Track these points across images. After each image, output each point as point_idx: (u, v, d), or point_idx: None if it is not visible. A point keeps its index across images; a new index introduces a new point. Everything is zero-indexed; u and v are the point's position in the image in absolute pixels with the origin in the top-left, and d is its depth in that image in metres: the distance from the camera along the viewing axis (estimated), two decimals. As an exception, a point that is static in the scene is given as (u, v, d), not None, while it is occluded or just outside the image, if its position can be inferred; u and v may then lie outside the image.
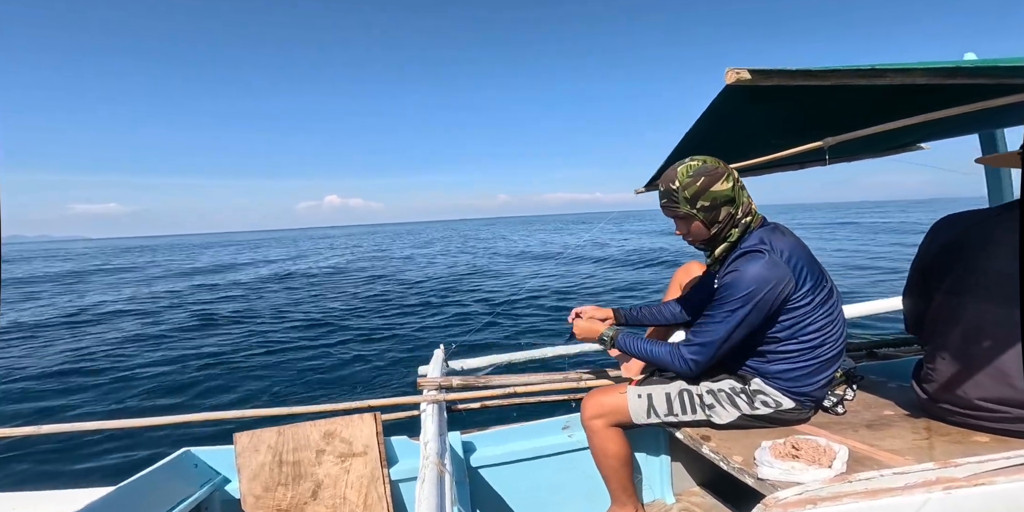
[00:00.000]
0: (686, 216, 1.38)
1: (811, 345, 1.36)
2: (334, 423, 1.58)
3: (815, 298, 1.33)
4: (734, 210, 1.36)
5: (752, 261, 1.29)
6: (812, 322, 1.34)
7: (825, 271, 1.41)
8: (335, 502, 1.51)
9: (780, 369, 1.38)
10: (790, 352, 1.37)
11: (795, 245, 1.35)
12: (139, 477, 1.36)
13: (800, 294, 1.31)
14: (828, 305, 1.36)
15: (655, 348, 1.47)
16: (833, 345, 1.38)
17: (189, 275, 17.24)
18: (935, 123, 1.18)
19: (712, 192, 1.33)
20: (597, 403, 1.48)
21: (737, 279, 1.29)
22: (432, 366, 1.99)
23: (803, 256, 1.34)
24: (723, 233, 1.39)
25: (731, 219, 1.37)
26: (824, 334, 1.36)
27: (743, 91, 0.97)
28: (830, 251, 14.15)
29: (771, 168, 2.19)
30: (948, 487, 0.89)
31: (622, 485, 1.50)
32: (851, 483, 0.93)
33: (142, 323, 8.28)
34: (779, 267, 1.28)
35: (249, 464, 1.52)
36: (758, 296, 1.27)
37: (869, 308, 2.81)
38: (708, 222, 1.37)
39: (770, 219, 1.45)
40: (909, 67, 0.86)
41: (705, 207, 1.34)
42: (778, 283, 1.28)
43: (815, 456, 1.16)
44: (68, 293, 13.52)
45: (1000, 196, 2.09)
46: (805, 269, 1.32)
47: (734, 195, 1.34)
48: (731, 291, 1.29)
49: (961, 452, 1.20)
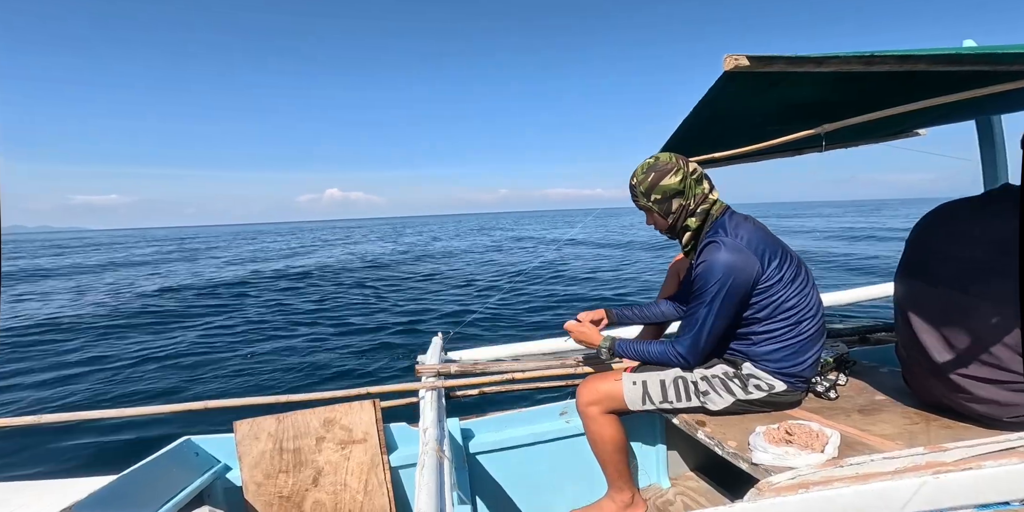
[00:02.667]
0: (645, 208, 1.53)
1: (791, 322, 1.41)
2: (334, 410, 1.59)
3: (783, 275, 1.39)
4: (684, 201, 1.46)
5: (716, 250, 1.37)
6: (786, 298, 1.40)
7: (790, 251, 1.47)
8: (336, 489, 1.53)
9: (767, 350, 1.43)
10: (773, 332, 1.42)
11: (754, 229, 1.44)
12: (140, 466, 1.37)
13: (768, 273, 1.38)
14: (798, 282, 1.42)
15: (651, 348, 1.52)
16: (811, 322, 1.43)
17: (189, 262, 17.16)
18: (932, 109, 1.17)
19: (662, 186, 1.45)
20: (593, 390, 1.50)
21: (705, 269, 1.37)
22: (430, 353, 2.00)
23: (763, 238, 1.42)
24: (679, 222, 1.50)
25: (683, 209, 1.48)
26: (800, 310, 1.41)
27: (742, 78, 0.96)
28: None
29: (768, 154, 2.18)
30: (937, 471, 0.91)
31: (618, 470, 1.52)
32: (843, 468, 0.95)
33: (140, 312, 8.27)
34: (741, 252, 1.36)
35: (250, 452, 1.53)
36: (729, 282, 1.35)
37: (862, 294, 2.83)
38: (663, 213, 1.50)
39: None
40: (909, 54, 0.85)
41: (658, 200, 1.47)
42: (744, 266, 1.35)
43: (808, 441, 1.18)
44: (67, 290, 13.46)
45: (996, 183, 2.08)
46: (767, 250, 1.39)
47: (682, 188, 1.45)
48: (703, 282, 1.38)
49: (950, 437, 1.23)
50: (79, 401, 4.20)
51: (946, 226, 1.33)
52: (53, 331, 7.00)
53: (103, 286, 12.18)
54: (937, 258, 1.30)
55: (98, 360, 5.41)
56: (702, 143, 1.75)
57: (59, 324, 7.43)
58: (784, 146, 1.55)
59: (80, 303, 9.49)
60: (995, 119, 1.98)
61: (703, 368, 1.49)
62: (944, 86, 1.12)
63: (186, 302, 9.07)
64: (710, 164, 1.99)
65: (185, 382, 4.58)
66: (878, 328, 2.28)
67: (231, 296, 9.57)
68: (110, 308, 8.71)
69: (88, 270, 17.47)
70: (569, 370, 1.84)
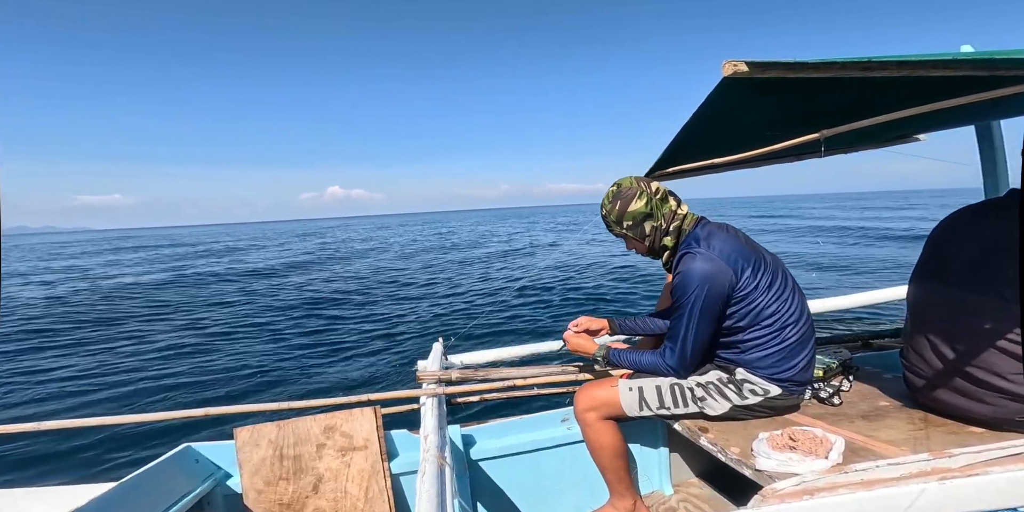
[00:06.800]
0: (621, 236, 1.55)
1: (774, 329, 1.41)
2: (334, 417, 1.59)
3: (758, 282, 1.39)
4: (656, 222, 1.48)
5: (689, 262, 1.38)
6: (765, 305, 1.40)
7: (765, 256, 1.47)
8: (336, 496, 1.52)
9: (756, 357, 1.43)
10: (758, 339, 1.42)
11: (727, 238, 1.44)
12: (141, 472, 1.36)
13: (743, 282, 1.38)
14: (775, 288, 1.42)
15: (642, 358, 1.53)
16: (795, 327, 1.43)
17: (186, 261, 17.11)
18: (931, 115, 1.18)
19: (630, 212, 1.47)
20: (590, 396, 1.50)
21: (681, 281, 1.38)
22: (431, 360, 2.00)
23: (736, 247, 1.42)
24: (656, 244, 1.52)
25: (656, 231, 1.49)
26: (781, 316, 1.41)
27: (740, 83, 0.96)
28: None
29: (768, 160, 2.18)
30: (943, 477, 0.90)
31: (619, 477, 1.51)
32: (847, 474, 0.95)
33: (137, 320, 8.27)
34: (713, 262, 1.37)
35: (250, 459, 1.53)
36: (704, 292, 1.35)
37: (865, 298, 2.83)
38: (639, 237, 1.51)
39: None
40: (908, 59, 0.85)
41: (630, 226, 1.49)
42: (717, 275, 1.36)
43: (812, 447, 1.18)
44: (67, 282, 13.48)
45: (996, 191, 2.09)
46: (740, 259, 1.39)
47: (650, 210, 1.47)
48: (680, 294, 1.39)
49: (956, 443, 1.22)
50: (78, 409, 4.19)
51: (967, 228, 1.32)
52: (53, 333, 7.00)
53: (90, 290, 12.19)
54: (955, 259, 1.29)
55: (95, 369, 5.40)
56: (702, 148, 1.75)
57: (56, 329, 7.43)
58: (784, 151, 1.56)
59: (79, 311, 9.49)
60: (994, 125, 1.99)
61: (697, 375, 1.49)
62: (943, 92, 1.13)
63: (183, 308, 9.07)
64: (711, 170, 2.00)
65: (186, 389, 4.57)
66: (881, 334, 2.27)
67: (230, 304, 9.57)
68: (100, 315, 8.71)
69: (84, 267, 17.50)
70: (570, 376, 1.84)
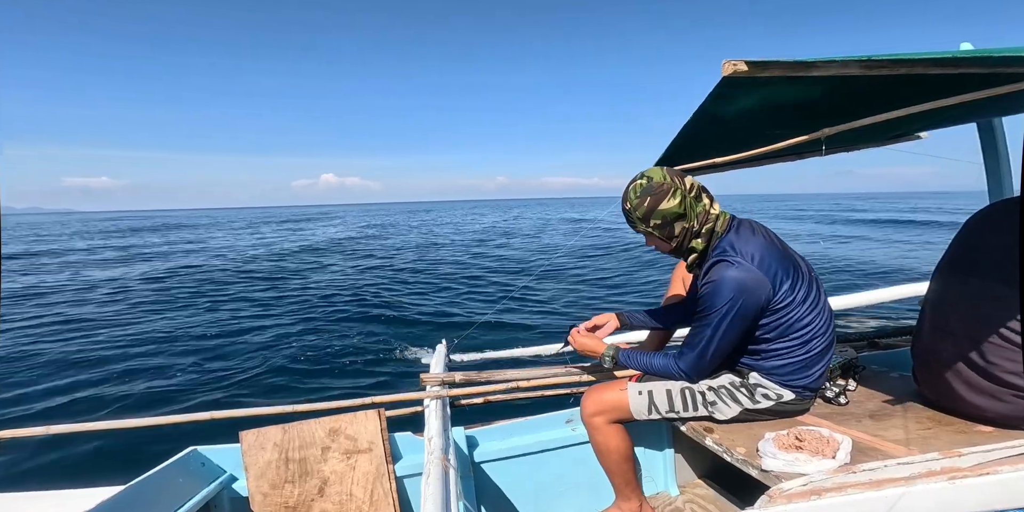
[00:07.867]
0: (644, 233, 1.41)
1: (802, 341, 1.36)
2: (338, 420, 1.59)
3: (795, 296, 1.32)
4: (688, 224, 1.36)
5: (725, 270, 1.28)
6: (799, 318, 1.34)
7: (800, 264, 1.40)
8: (341, 498, 1.52)
9: (775, 365, 1.39)
10: (782, 349, 1.37)
11: (765, 246, 1.34)
12: (148, 476, 1.37)
13: (780, 296, 1.31)
14: (810, 299, 1.36)
15: (654, 361, 1.48)
16: (823, 337, 1.39)
17: (184, 256, 16.99)
18: (933, 112, 1.17)
19: (660, 211, 1.33)
20: (597, 400, 1.48)
21: (714, 291, 1.29)
22: (435, 361, 2.00)
23: (775, 256, 1.33)
24: (684, 245, 1.40)
25: (687, 232, 1.37)
26: (813, 328, 1.36)
27: (741, 82, 0.96)
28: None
29: (769, 159, 2.18)
30: (953, 477, 0.89)
31: (625, 479, 1.50)
32: (856, 474, 0.94)
33: (137, 318, 8.28)
34: (752, 273, 1.27)
35: (256, 462, 1.53)
36: (737, 305, 1.27)
37: (870, 298, 2.81)
38: (665, 238, 1.39)
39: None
40: (908, 57, 0.85)
41: (658, 225, 1.35)
42: (755, 290, 1.27)
43: (819, 447, 1.17)
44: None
45: (999, 188, 2.08)
46: (779, 271, 1.31)
47: (683, 210, 1.33)
48: (711, 303, 1.30)
49: (965, 442, 1.21)
50: (85, 411, 4.21)
51: (1006, 218, 1.29)
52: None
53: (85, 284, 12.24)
54: (992, 249, 1.27)
55: (94, 370, 5.42)
56: (702, 148, 1.75)
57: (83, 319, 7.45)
58: (785, 150, 1.56)
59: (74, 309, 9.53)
60: (996, 122, 1.98)
61: (709, 379, 1.46)
62: (943, 89, 1.12)
63: (184, 307, 9.09)
64: (711, 169, 2.00)
65: (190, 392, 4.58)
66: (888, 333, 2.26)
67: (231, 304, 9.58)
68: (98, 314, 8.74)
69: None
70: (574, 378, 1.83)
